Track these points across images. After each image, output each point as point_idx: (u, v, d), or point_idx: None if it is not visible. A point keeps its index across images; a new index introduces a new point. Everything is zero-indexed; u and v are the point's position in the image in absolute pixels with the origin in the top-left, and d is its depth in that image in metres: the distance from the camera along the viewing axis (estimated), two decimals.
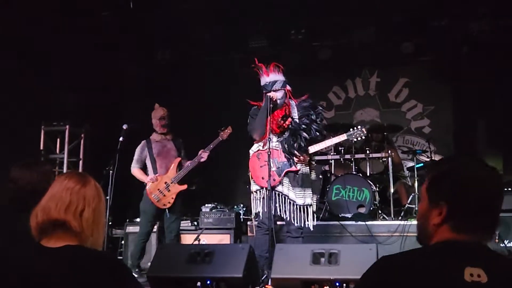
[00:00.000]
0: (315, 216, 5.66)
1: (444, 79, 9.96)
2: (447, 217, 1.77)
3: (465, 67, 9.50)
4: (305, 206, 5.49)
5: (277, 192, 5.48)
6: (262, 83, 5.67)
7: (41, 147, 8.51)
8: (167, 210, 6.66)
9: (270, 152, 5.32)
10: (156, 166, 6.71)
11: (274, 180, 5.43)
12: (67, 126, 8.61)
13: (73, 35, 8.39)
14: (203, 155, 6.63)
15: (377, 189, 7.81)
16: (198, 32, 9.37)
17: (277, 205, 5.43)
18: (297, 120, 5.62)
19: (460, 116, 9.81)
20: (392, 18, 9.01)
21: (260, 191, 5.56)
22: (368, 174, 8.14)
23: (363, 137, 5.95)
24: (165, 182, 6.62)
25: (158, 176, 6.67)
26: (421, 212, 1.86)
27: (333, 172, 8.41)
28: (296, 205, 5.46)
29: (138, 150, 6.79)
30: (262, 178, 5.50)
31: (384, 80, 10.54)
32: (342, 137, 5.82)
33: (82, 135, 8.90)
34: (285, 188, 5.49)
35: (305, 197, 5.51)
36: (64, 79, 8.55)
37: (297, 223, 5.46)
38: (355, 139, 5.92)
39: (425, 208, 1.84)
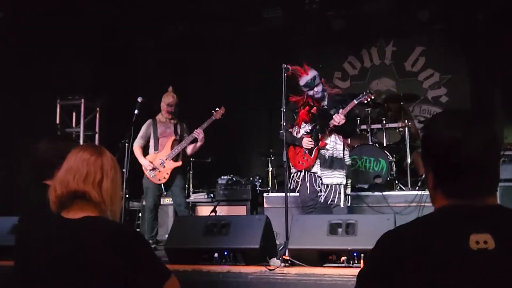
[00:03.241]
0: (348, 197, 6.01)
1: (461, 47, 9.83)
2: (436, 181, 1.68)
3: (481, 34, 9.36)
4: (333, 185, 5.86)
5: (312, 173, 5.92)
6: (303, 82, 5.91)
7: (57, 121, 8.56)
8: (162, 185, 6.73)
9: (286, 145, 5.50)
10: (158, 145, 6.81)
11: (307, 160, 5.90)
12: (82, 100, 8.65)
13: (87, 8, 8.36)
14: (196, 133, 6.68)
15: (394, 160, 7.76)
16: (209, 3, 9.28)
17: (314, 184, 5.88)
18: (326, 109, 6.02)
19: (478, 85, 9.68)
20: None
21: (297, 174, 5.98)
22: (384, 145, 8.08)
23: (372, 98, 6.14)
24: (160, 159, 6.70)
25: (153, 155, 6.76)
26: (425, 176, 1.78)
27: (349, 143, 8.35)
28: (323, 184, 5.86)
29: (144, 127, 6.84)
30: (299, 162, 5.94)
31: (400, 49, 10.43)
32: (352, 104, 5.94)
33: (98, 109, 8.93)
34: (318, 169, 5.90)
35: (333, 177, 5.88)
36: (78, 54, 8.55)
37: (327, 201, 5.84)
38: (365, 101, 6.11)
39: (424, 172, 1.76)
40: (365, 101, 6.11)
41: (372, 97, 6.13)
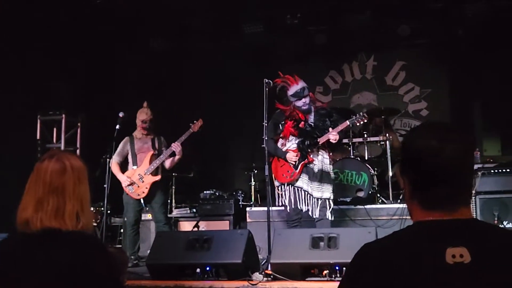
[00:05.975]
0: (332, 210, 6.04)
1: (441, 62, 9.96)
2: (411, 193, 1.68)
3: (461, 49, 9.48)
4: (322, 200, 5.88)
5: (297, 188, 5.91)
6: (292, 91, 5.98)
7: (38, 137, 8.48)
8: (142, 200, 6.70)
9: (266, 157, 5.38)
10: (136, 161, 6.79)
11: (292, 174, 5.90)
12: (63, 115, 8.58)
13: (68, 23, 8.34)
14: (174, 147, 6.67)
15: (376, 173, 7.77)
16: (191, 19, 9.29)
17: (298, 199, 5.87)
18: (312, 125, 6.04)
19: (457, 98, 9.78)
20: (388, 0, 8.93)
21: (281, 187, 6.00)
22: (366, 158, 8.11)
23: (365, 121, 6.26)
24: (139, 174, 6.69)
25: (132, 170, 6.75)
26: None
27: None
28: (313, 198, 5.85)
29: (121, 144, 6.83)
30: (283, 175, 5.97)
31: (381, 64, 10.52)
32: (345, 124, 6.03)
33: (79, 124, 8.86)
34: (305, 184, 5.88)
35: (323, 191, 5.90)
36: (59, 69, 8.51)
37: (314, 215, 5.84)
38: (357, 124, 6.25)
39: (402, 183, 1.74)
40: (358, 124, 6.25)
41: (366, 121, 6.22)
